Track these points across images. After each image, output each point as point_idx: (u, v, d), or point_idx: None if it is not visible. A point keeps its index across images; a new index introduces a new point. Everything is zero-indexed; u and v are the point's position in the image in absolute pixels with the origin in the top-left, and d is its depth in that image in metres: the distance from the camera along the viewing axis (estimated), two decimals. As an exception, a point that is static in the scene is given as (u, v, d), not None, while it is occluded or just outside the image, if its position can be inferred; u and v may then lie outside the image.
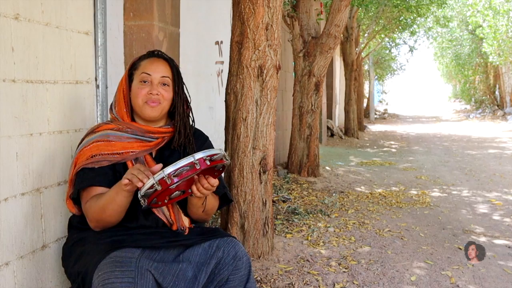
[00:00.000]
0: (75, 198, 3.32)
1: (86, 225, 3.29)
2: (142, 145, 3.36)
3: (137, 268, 2.83)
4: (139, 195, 2.91)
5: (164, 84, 3.41)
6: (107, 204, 3.09)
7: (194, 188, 3.05)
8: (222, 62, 8.03)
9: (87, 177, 3.25)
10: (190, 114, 3.59)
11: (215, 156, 2.93)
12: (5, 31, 3.23)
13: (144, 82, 3.38)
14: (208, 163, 2.90)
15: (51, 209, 3.75)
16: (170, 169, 2.82)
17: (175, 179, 2.84)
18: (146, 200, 2.91)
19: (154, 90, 3.36)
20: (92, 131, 3.41)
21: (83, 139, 3.42)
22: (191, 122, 3.58)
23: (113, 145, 3.31)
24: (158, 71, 3.40)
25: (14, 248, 3.36)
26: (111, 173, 3.29)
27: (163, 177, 2.82)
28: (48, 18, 3.66)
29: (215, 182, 3.07)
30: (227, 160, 3.02)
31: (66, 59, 3.89)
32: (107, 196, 3.11)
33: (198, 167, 2.86)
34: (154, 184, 2.83)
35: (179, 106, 3.47)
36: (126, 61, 5.02)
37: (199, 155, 2.87)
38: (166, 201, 3.04)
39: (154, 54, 3.51)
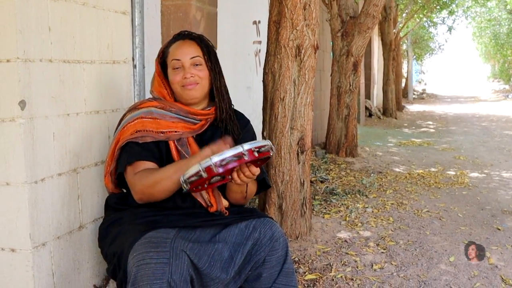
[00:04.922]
0: (120, 173, 3.31)
1: (122, 205, 3.31)
2: (186, 126, 3.34)
3: (172, 249, 2.81)
4: (181, 179, 2.91)
5: (197, 65, 3.36)
6: (161, 180, 3.09)
7: (235, 175, 3.02)
8: (259, 42, 8.02)
9: (134, 152, 3.24)
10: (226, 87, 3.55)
11: (263, 148, 2.91)
12: (42, 11, 3.23)
13: (177, 68, 3.35)
14: (256, 154, 2.88)
15: (88, 189, 3.76)
16: (217, 158, 2.81)
17: (220, 169, 2.82)
18: (189, 185, 2.91)
19: (187, 74, 3.32)
20: (135, 107, 3.40)
21: (124, 115, 3.41)
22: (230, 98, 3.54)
23: (158, 122, 3.30)
24: (186, 53, 3.35)
25: (51, 228, 3.37)
26: (156, 150, 3.28)
27: (210, 165, 2.81)
28: (85, -2, 3.64)
29: (256, 171, 3.03)
30: (273, 151, 3.00)
31: (103, 38, 3.88)
32: (162, 172, 3.12)
33: (246, 158, 2.85)
34: (200, 171, 2.83)
35: (217, 81, 3.44)
36: (163, 41, 5.00)
37: (247, 146, 2.85)
38: (205, 185, 3.02)
39: (180, 36, 3.46)
